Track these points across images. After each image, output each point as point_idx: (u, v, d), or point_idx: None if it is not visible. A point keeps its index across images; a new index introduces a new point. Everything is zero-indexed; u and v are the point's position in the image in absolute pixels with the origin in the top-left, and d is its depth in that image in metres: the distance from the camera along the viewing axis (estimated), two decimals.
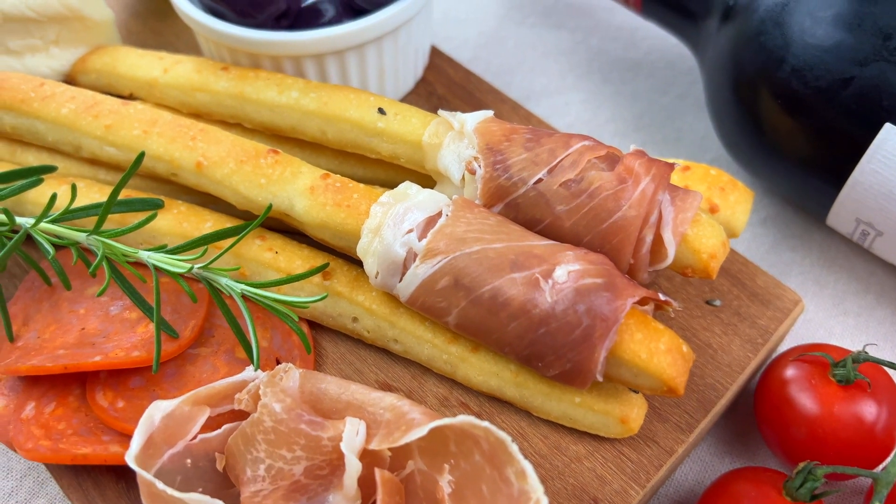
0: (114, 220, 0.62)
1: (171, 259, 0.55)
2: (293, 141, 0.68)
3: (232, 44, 0.67)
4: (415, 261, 0.55)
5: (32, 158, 0.68)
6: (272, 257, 0.60)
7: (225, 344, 0.60)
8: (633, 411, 0.56)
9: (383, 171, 0.67)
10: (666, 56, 0.91)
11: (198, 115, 0.69)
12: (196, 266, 0.55)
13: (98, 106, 0.64)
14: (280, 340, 0.61)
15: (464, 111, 0.77)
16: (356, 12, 0.70)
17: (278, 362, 0.60)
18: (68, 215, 0.58)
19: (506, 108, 0.77)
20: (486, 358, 0.57)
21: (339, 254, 0.62)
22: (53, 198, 0.57)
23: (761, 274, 0.66)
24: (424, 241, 0.54)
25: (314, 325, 0.63)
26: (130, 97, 0.73)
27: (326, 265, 0.60)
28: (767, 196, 0.78)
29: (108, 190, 0.64)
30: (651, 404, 0.59)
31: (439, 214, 0.56)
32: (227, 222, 0.62)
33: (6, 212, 0.57)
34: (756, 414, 0.63)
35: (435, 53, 0.81)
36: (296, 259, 0.61)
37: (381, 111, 0.63)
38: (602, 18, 0.95)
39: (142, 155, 0.57)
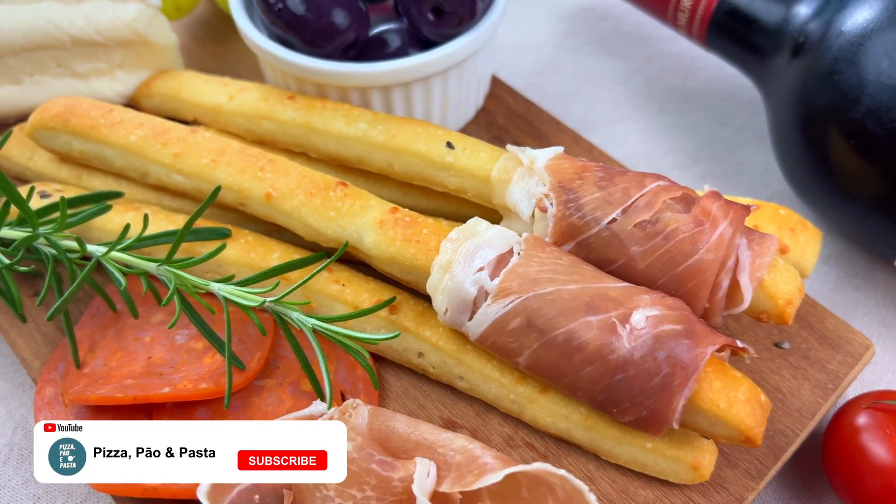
0: (181, 250, 0.62)
1: (242, 292, 0.55)
2: (357, 171, 0.68)
3: (301, 74, 0.67)
4: (486, 299, 0.54)
5: (98, 183, 0.69)
6: (339, 290, 0.60)
7: (290, 376, 0.60)
8: (705, 458, 0.55)
9: (447, 203, 0.67)
10: (725, 87, 0.90)
11: (262, 142, 0.70)
12: (268, 300, 0.55)
13: (167, 133, 0.65)
14: (344, 373, 0.61)
15: (524, 141, 0.77)
16: (422, 43, 0.70)
17: (343, 396, 0.60)
18: (138, 244, 0.59)
19: (566, 138, 0.77)
20: (556, 399, 0.56)
21: (406, 287, 0.62)
22: (127, 227, 0.57)
23: (830, 316, 0.65)
24: (497, 281, 0.54)
25: (377, 357, 0.62)
26: (194, 122, 0.73)
27: (393, 299, 0.59)
28: (830, 233, 0.77)
29: (175, 217, 0.64)
30: (720, 449, 0.58)
31: (510, 252, 0.56)
32: (294, 253, 0.62)
33: (78, 240, 0.57)
34: (824, 461, 0.61)
35: (494, 82, 0.81)
36: (362, 292, 0.60)
37: (449, 145, 0.63)
38: (659, 48, 0.94)
39: (218, 189, 0.57)
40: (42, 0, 0.71)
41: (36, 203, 0.65)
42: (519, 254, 0.55)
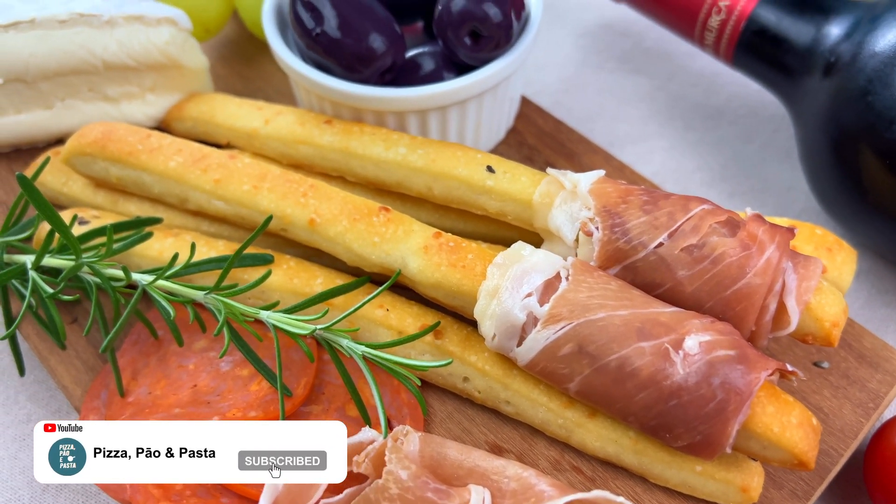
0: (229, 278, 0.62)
1: (292, 320, 0.55)
2: (394, 194, 0.68)
3: (339, 98, 0.67)
4: (535, 325, 0.54)
5: (134, 208, 0.69)
6: (383, 315, 0.60)
7: (335, 401, 0.60)
8: (754, 479, 0.55)
9: (485, 225, 0.67)
10: (748, 103, 0.91)
11: (299, 166, 0.70)
12: (318, 327, 0.55)
13: (206, 160, 0.65)
14: (388, 399, 0.61)
15: (556, 161, 0.77)
16: (456, 65, 0.70)
17: (388, 420, 0.60)
18: (183, 271, 0.59)
19: (598, 158, 0.77)
20: (604, 424, 0.56)
21: (449, 311, 0.62)
22: (175, 257, 0.57)
23: (867, 335, 0.65)
24: (546, 307, 0.54)
25: (421, 382, 0.62)
26: (227, 146, 0.73)
27: (438, 324, 0.59)
28: (860, 250, 0.78)
29: (215, 243, 0.64)
30: (765, 470, 0.58)
31: (557, 277, 0.56)
32: (336, 278, 0.62)
33: (125, 269, 0.57)
34: (866, 480, 0.62)
35: (523, 102, 0.81)
36: (406, 317, 0.60)
37: (489, 169, 0.63)
38: (681, 64, 0.95)
39: (269, 218, 0.57)
40: (75, 25, 0.71)
41: (74, 230, 0.65)
42: (567, 279, 0.55)
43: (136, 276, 0.58)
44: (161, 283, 0.58)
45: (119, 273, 0.59)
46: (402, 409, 0.60)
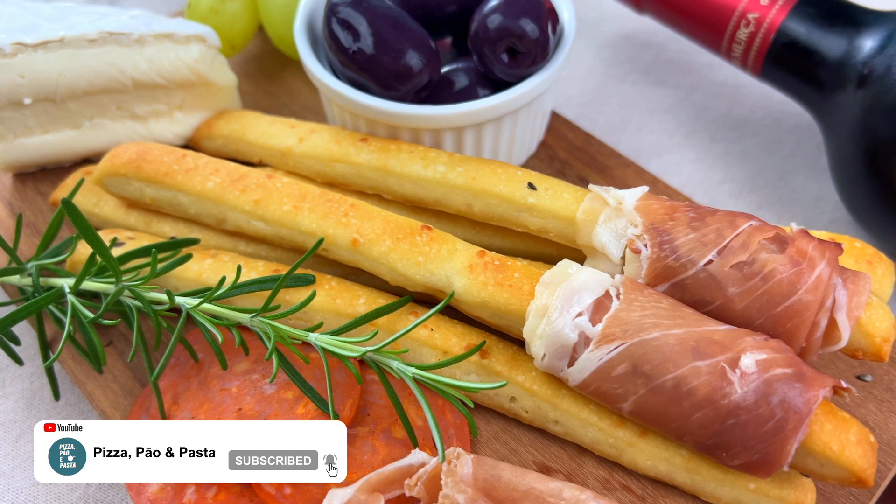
0: (262, 297, 0.61)
1: (341, 342, 0.55)
2: (430, 211, 0.68)
3: (376, 116, 0.66)
4: (587, 345, 0.54)
5: (168, 229, 0.68)
6: (428, 335, 0.60)
7: (381, 423, 0.59)
8: (807, 496, 0.55)
9: (522, 242, 0.67)
10: (771, 113, 0.91)
11: (333, 184, 0.69)
12: (368, 349, 0.54)
13: (244, 180, 0.64)
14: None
15: (588, 175, 0.77)
16: (490, 81, 0.70)
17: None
18: (226, 294, 0.58)
19: (630, 172, 0.77)
20: (656, 443, 0.56)
21: (493, 330, 0.61)
22: (222, 280, 0.56)
23: None
24: (599, 327, 0.54)
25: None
26: (259, 164, 0.73)
27: (483, 343, 0.59)
28: (893, 259, 0.78)
29: (254, 263, 0.63)
30: (816, 485, 0.58)
31: (607, 296, 0.56)
32: (378, 297, 0.62)
33: (168, 293, 0.57)
34: None
35: (552, 115, 0.81)
36: (451, 336, 0.60)
37: (531, 186, 0.63)
38: (703, 75, 0.95)
39: (320, 241, 0.57)
40: (105, 44, 0.71)
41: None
42: (618, 297, 0.55)
43: (179, 300, 0.57)
44: (205, 306, 0.57)
45: (161, 297, 0.58)
46: (448, 430, 0.60)
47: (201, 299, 0.56)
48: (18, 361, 0.65)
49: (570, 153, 0.78)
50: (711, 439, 0.52)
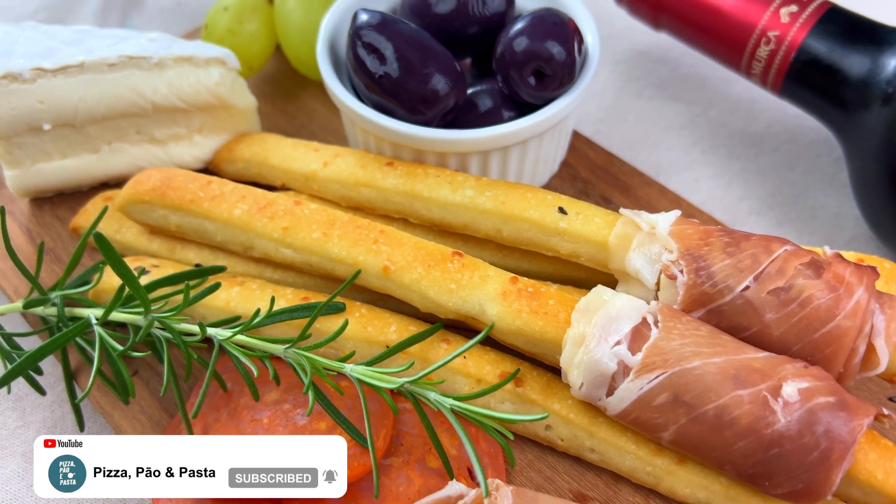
0: (293, 325, 0.60)
1: (377, 373, 0.54)
2: (456, 234, 0.67)
3: (404, 141, 0.66)
4: (626, 374, 0.54)
5: (193, 255, 0.67)
6: (461, 362, 0.59)
7: (415, 452, 0.59)
8: None
9: (550, 265, 0.67)
10: (787, 128, 0.91)
11: (358, 208, 0.69)
12: (405, 381, 0.54)
13: (272, 206, 0.63)
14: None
15: (611, 195, 0.76)
16: (514, 103, 0.69)
17: (469, 471, 0.59)
18: (260, 324, 0.57)
19: (652, 191, 0.77)
20: (695, 471, 0.56)
21: (526, 356, 0.61)
22: (256, 312, 0.55)
23: None
24: (639, 356, 0.53)
25: None
26: (282, 188, 0.72)
27: (517, 371, 0.59)
28: None
29: (283, 292, 0.63)
30: None
31: (644, 323, 0.55)
32: (409, 325, 0.61)
33: (200, 325, 0.56)
34: None
35: (572, 134, 0.81)
36: (484, 364, 0.59)
37: (561, 210, 0.62)
38: (718, 90, 0.95)
39: (358, 272, 0.56)
40: (125, 68, 0.70)
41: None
42: (656, 325, 0.54)
43: (211, 332, 0.57)
44: (238, 337, 0.56)
45: (192, 328, 0.57)
46: (483, 459, 0.59)
47: (235, 331, 0.56)
48: (41, 392, 0.64)
49: (592, 172, 0.78)
50: (754, 468, 0.52)
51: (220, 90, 0.72)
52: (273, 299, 0.57)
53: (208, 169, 0.77)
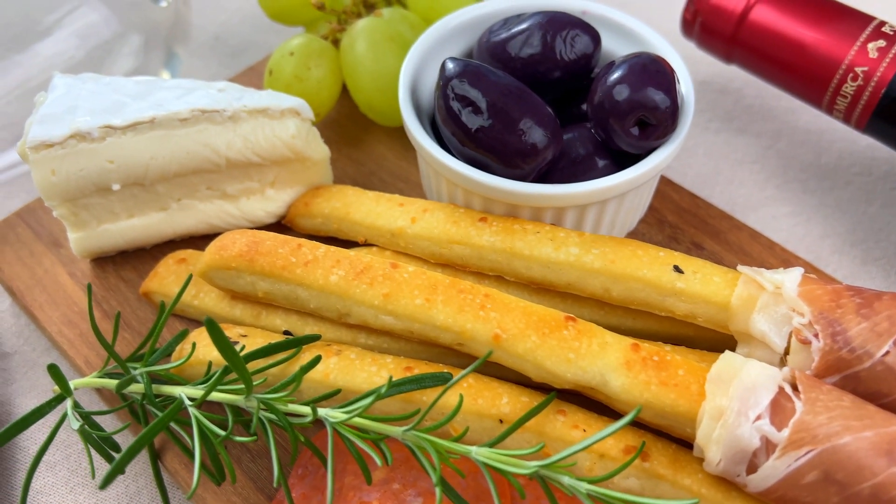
0: (403, 400, 0.57)
1: (506, 457, 0.51)
2: (553, 291, 0.64)
3: (498, 196, 0.62)
4: (768, 450, 0.51)
5: (280, 321, 0.63)
6: (580, 435, 0.56)
7: None
8: None
9: (656, 323, 0.64)
10: (859, 160, 0.89)
11: (448, 265, 0.65)
12: (539, 465, 0.50)
13: (369, 271, 0.60)
14: None
15: (701, 240, 0.74)
16: (609, 150, 0.66)
17: None
18: (371, 404, 0.54)
19: (743, 235, 0.74)
20: None
21: (647, 426, 0.58)
22: (374, 394, 0.52)
23: None
24: (786, 432, 0.50)
25: None
26: (364, 244, 0.69)
27: (644, 445, 0.55)
28: None
29: (383, 360, 0.59)
30: None
31: (782, 394, 0.52)
32: (520, 395, 0.58)
33: (313, 407, 0.52)
34: None
35: None
36: (606, 438, 0.56)
37: (677, 269, 0.59)
38: (785, 121, 0.92)
39: (489, 353, 0.53)
40: (197, 123, 0.66)
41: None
42: (798, 397, 0.52)
43: (322, 413, 0.53)
44: (355, 419, 0.53)
45: (300, 409, 0.54)
46: None
47: (350, 414, 0.52)
48: (120, 469, 0.60)
49: (678, 216, 0.75)
50: None
51: (296, 143, 0.68)
52: (391, 380, 0.53)
53: (281, 223, 0.73)
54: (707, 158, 0.89)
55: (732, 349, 0.62)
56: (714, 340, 0.63)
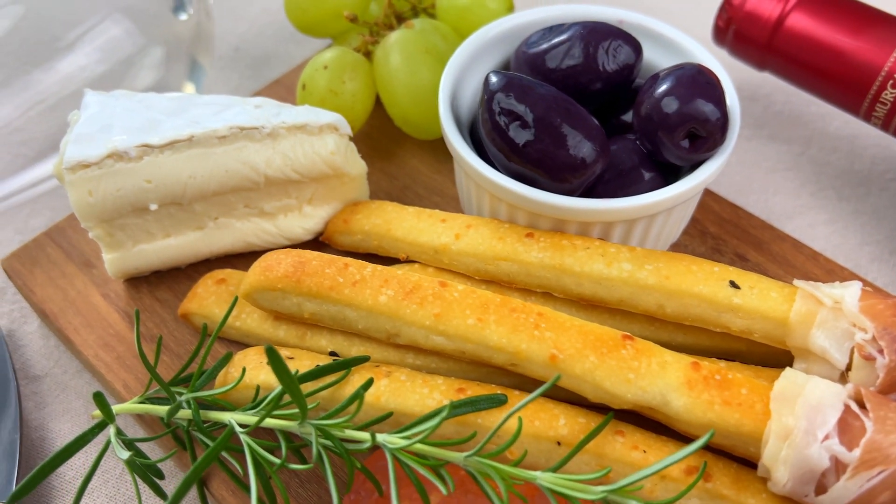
0: (459, 422, 0.56)
1: (571, 482, 0.50)
2: (602, 307, 0.63)
3: (546, 212, 0.61)
4: (838, 470, 0.50)
5: (325, 342, 0.62)
6: (641, 457, 0.55)
7: None
8: None
9: (708, 338, 0.63)
10: (893, 166, 0.88)
11: (493, 281, 0.64)
12: (607, 490, 0.49)
13: (418, 291, 0.59)
14: None
15: (745, 252, 0.73)
16: (655, 162, 0.65)
17: None
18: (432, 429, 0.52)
19: (786, 246, 0.73)
20: None
21: (708, 446, 0.57)
22: (434, 417, 0.51)
23: None
24: (857, 452, 0.49)
25: None
26: (406, 260, 0.67)
27: (705, 465, 0.54)
28: None
29: (434, 381, 0.58)
30: None
31: (848, 412, 0.51)
32: (577, 415, 0.57)
33: (372, 434, 0.51)
34: None
35: None
36: (666, 458, 0.55)
37: (733, 285, 0.58)
38: (816, 127, 0.92)
39: (557, 377, 0.52)
40: (236, 140, 0.65)
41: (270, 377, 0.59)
42: (865, 414, 0.51)
43: (380, 439, 0.52)
44: (413, 445, 0.52)
45: (358, 435, 0.52)
46: None
47: (410, 441, 0.51)
48: (164, 497, 0.59)
49: (720, 227, 0.74)
50: None
51: (335, 159, 0.67)
52: (451, 406, 0.52)
53: (318, 240, 0.72)
54: (740, 167, 0.88)
55: (784, 364, 0.61)
56: (765, 355, 0.62)
